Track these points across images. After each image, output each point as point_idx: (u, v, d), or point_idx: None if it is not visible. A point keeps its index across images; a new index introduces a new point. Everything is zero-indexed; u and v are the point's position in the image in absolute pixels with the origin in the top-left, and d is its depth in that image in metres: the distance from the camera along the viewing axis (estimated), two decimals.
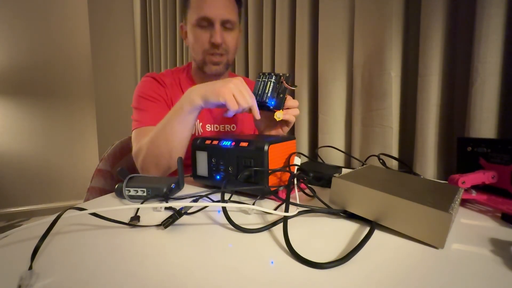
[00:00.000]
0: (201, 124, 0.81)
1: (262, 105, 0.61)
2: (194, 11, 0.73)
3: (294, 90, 0.65)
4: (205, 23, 0.73)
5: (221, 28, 0.73)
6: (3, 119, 1.96)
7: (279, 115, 0.60)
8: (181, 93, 0.76)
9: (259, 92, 0.61)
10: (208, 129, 0.81)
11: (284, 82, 0.60)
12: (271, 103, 0.60)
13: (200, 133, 0.80)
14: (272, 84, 0.61)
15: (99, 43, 2.10)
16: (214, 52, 0.75)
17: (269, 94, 0.60)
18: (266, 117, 0.68)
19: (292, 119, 0.63)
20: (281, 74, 0.61)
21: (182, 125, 0.60)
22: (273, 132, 0.68)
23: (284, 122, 0.65)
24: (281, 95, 0.61)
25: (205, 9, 0.71)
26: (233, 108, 0.54)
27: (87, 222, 0.38)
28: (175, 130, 0.60)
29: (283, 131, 0.68)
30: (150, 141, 0.63)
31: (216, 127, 0.82)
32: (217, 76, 0.80)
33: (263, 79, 0.62)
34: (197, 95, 0.57)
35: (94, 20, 2.08)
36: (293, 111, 0.63)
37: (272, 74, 0.62)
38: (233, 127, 0.84)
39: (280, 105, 0.60)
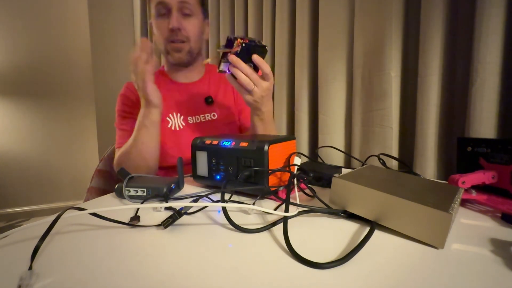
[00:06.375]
0: (182, 117, 0.81)
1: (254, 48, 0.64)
2: (152, 1, 0.75)
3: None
4: (163, 9, 0.73)
5: (179, 14, 0.74)
6: (3, 119, 1.95)
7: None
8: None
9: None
10: (190, 121, 0.81)
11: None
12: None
13: (181, 127, 0.80)
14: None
15: (99, 43, 2.10)
16: (174, 39, 0.76)
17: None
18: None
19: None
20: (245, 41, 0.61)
21: (149, 136, 0.68)
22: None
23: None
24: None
25: None
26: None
27: (87, 222, 0.38)
28: (146, 142, 0.68)
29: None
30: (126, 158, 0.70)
31: (197, 118, 0.82)
32: (185, 65, 0.82)
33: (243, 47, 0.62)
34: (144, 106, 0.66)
35: (94, 20, 2.08)
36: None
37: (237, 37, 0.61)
38: (214, 115, 0.83)
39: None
